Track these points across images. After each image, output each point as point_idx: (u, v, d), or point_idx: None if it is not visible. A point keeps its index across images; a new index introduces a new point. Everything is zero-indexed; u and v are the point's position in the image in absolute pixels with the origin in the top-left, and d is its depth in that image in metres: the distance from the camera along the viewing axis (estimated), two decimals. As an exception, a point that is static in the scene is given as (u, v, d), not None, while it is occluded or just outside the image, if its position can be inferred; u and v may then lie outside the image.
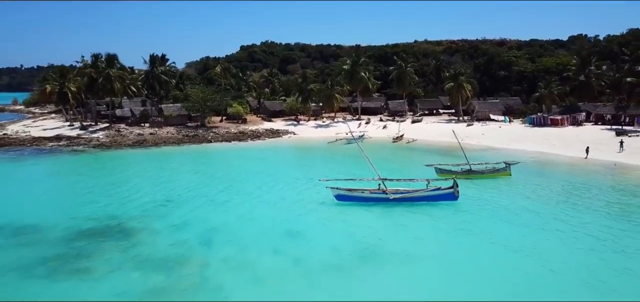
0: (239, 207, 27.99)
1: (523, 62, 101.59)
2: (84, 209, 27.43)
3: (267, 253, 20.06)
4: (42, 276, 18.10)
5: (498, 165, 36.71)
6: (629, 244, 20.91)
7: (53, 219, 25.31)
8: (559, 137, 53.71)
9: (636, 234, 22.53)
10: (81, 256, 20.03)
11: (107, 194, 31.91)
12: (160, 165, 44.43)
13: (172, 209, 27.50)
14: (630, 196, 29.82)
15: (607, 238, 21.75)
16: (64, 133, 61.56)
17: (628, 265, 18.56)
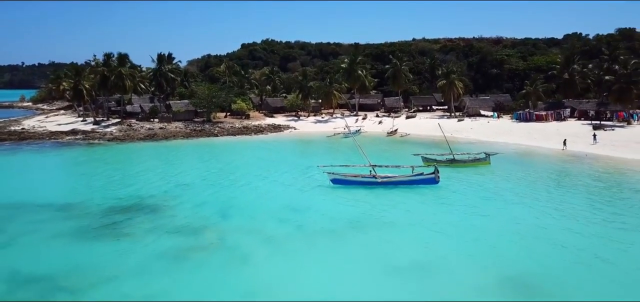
0: (248, 189, 32.08)
1: (515, 60, 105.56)
2: (113, 192, 31.48)
3: (273, 222, 24.16)
4: (92, 238, 22.17)
5: (479, 155, 40.78)
6: (581, 213, 25.16)
7: (89, 199, 29.39)
8: (541, 131, 57.75)
9: (589, 206, 26.70)
10: (119, 225, 24.11)
11: (130, 179, 36.01)
12: (173, 156, 48.46)
13: (189, 191, 31.55)
14: (593, 180, 33.93)
15: (565, 208, 26.01)
16: (78, 128, 65.59)
17: (575, 227, 22.73)
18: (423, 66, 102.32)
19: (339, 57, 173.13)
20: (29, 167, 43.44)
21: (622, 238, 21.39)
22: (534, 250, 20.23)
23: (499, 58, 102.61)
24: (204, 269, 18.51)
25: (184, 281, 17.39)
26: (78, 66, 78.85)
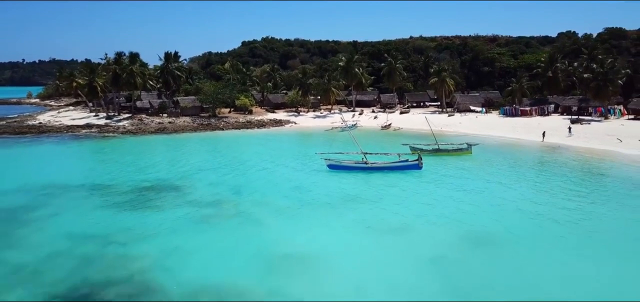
0: (255, 172, 36.56)
1: (506, 59, 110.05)
2: (137, 175, 35.91)
3: (280, 197, 28.63)
4: (128, 209, 26.64)
5: (461, 145, 45.27)
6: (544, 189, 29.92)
7: (118, 181, 33.83)
8: (524, 125, 62.22)
9: (552, 185, 31.20)
10: (149, 199, 28.58)
11: (149, 165, 40.45)
12: (184, 146, 52.86)
13: (204, 175, 35.98)
14: (560, 165, 38.49)
15: (531, 186, 30.70)
16: (92, 122, 69.93)
17: (537, 199, 27.41)
18: (418, 64, 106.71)
19: (338, 55, 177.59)
20: (56, 156, 47.87)
21: (571, 206, 26.05)
22: (497, 214, 24.87)
23: (491, 56, 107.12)
24: (225, 229, 23.04)
25: (209, 237, 21.90)
26: (92, 64, 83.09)
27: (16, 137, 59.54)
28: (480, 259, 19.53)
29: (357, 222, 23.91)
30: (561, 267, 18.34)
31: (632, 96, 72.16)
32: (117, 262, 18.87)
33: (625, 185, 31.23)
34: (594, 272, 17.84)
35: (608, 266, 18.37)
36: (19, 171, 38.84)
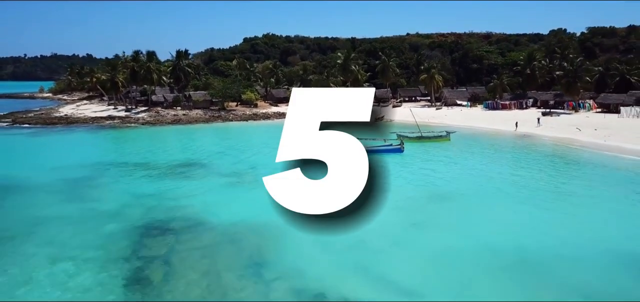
0: (267, 153, 43.52)
1: (494, 56, 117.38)
2: (168, 156, 43.24)
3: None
4: (170, 179, 34.00)
5: (441, 133, 52.60)
6: (501, 165, 37.17)
7: (154, 160, 41.17)
8: (503, 117, 69.53)
9: (509, 161, 38.58)
10: (183, 172, 35.92)
11: (176, 149, 47.84)
12: (201, 135, 60.17)
13: (222, 156, 43.33)
14: (519, 148, 45.95)
15: (492, 162, 37.96)
16: (114, 114, 77.17)
17: (493, 171, 34.69)
18: (411, 61, 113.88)
19: (336, 51, 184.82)
20: (92, 141, 55.28)
21: (520, 174, 33.55)
22: (458, 181, 32.37)
23: (479, 54, 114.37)
24: (247, 189, 30.45)
25: (236, 194, 29.33)
26: (112, 61, 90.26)
27: (49, 127, 66.87)
28: (436, 207, 26.95)
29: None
30: (496, 213, 25.73)
31: (605, 91, 79.67)
32: (173, 209, 26.21)
33: (568, 162, 38.76)
34: (519, 217, 25.12)
35: (533, 213, 25.65)
36: (69, 153, 46.23)
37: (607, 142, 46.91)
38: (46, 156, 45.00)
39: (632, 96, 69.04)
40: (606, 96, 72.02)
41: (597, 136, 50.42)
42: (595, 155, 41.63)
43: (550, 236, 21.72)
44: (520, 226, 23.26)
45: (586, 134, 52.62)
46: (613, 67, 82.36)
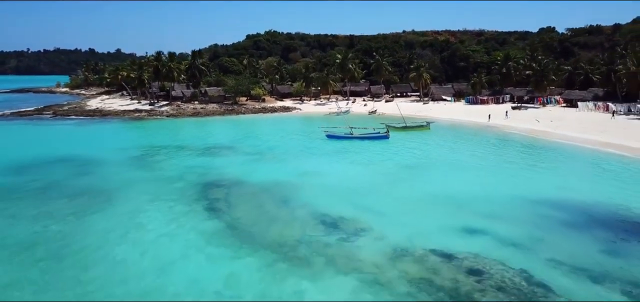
0: (278, 140, 54.47)
1: (480, 55, 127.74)
2: (200, 141, 53.78)
3: (297, 151, 46.60)
4: (208, 157, 44.59)
5: (422, 123, 63.27)
6: (466, 146, 47.86)
7: (190, 144, 51.71)
8: (479, 111, 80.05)
9: (473, 144, 49.26)
10: (217, 152, 46.49)
11: (204, 136, 58.36)
12: (220, 125, 70.67)
13: (244, 141, 53.88)
14: (485, 134, 56.60)
15: (458, 144, 48.64)
16: (139, 108, 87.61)
17: (457, 151, 45.42)
18: (403, 59, 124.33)
19: (336, 48, 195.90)
20: (132, 130, 65.82)
21: (478, 152, 44.14)
22: (427, 156, 43.01)
23: (466, 53, 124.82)
24: (269, 163, 41.05)
25: (261, 166, 39.89)
26: (139, 60, 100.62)
27: (89, 118, 77.44)
28: (409, 172, 37.66)
29: (343, 160, 42.05)
30: (451, 175, 36.33)
31: (572, 88, 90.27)
32: (218, 174, 36.80)
33: (516, 144, 49.47)
34: (466, 176, 35.65)
35: (476, 174, 36.24)
36: (119, 138, 56.93)
37: (555, 131, 57.70)
38: (103, 140, 55.73)
39: (590, 93, 79.75)
40: (570, 93, 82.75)
41: (549, 126, 61.15)
42: (541, 140, 52.43)
43: (480, 186, 32.48)
44: (464, 182, 33.96)
45: (542, 125, 63.27)
46: (596, 64, 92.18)
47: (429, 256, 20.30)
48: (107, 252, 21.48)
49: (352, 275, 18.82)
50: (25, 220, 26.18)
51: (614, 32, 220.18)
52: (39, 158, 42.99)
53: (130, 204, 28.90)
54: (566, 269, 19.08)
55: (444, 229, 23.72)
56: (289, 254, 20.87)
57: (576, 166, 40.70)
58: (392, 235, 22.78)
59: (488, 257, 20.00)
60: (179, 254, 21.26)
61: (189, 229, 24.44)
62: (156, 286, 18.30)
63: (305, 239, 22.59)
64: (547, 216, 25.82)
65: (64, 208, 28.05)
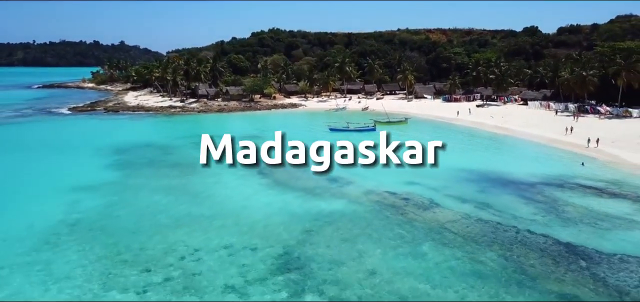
0: (291, 132, 72.99)
1: (461, 57, 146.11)
2: (231, 132, 72.42)
3: (303, 136, 65.30)
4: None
5: (401, 118, 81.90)
6: (433, 133, 66.81)
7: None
8: (452, 108, 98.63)
9: (439, 132, 68.12)
10: (250, 137, 65.18)
11: (233, 128, 76.94)
12: (242, 120, 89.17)
13: (264, 132, 72.35)
14: (448, 126, 75.32)
15: (425, 132, 67.58)
16: (173, 104, 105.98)
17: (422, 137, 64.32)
18: (394, 61, 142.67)
19: (335, 46, 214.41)
20: (179, 123, 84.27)
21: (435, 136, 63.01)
22: (407, 136, 61.84)
23: (448, 55, 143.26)
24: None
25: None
26: (173, 64, 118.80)
27: (136, 113, 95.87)
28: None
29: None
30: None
31: (533, 88, 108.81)
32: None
33: (467, 133, 68.19)
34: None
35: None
36: (177, 129, 75.53)
37: (502, 125, 76.50)
38: (162, 131, 74.45)
39: (541, 93, 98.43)
40: (525, 93, 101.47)
41: (499, 121, 79.94)
42: (487, 131, 71.26)
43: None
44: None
45: (494, 120, 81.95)
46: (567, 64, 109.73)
47: (383, 193, 39.04)
48: (210, 194, 40.08)
49: (343, 200, 37.54)
50: (154, 178, 44.84)
51: (591, 32, 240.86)
52: (128, 144, 61.54)
53: (210, 170, 47.41)
54: (454, 198, 37.81)
55: (395, 180, 42.41)
56: (309, 193, 39.59)
57: (498, 146, 59.54)
58: (366, 184, 41.47)
59: (414, 193, 38.74)
60: (251, 193, 39.94)
61: (252, 183, 43.09)
62: (244, 206, 36.83)
63: (318, 186, 41.29)
64: (460, 177, 44.55)
65: (171, 174, 46.65)
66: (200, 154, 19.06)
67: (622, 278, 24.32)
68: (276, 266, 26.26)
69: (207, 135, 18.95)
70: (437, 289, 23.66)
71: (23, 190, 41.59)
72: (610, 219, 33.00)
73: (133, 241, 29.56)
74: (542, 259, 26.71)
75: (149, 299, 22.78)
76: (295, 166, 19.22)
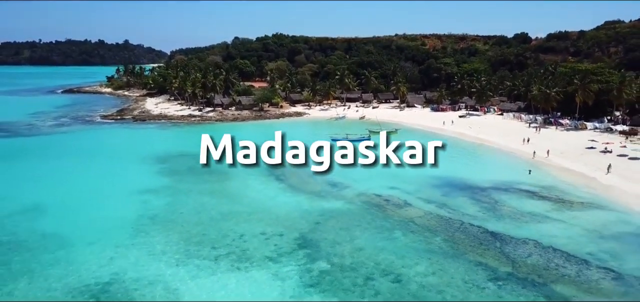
0: (292, 138, 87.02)
1: (450, 67, 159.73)
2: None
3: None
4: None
5: (392, 129, 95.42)
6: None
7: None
8: (438, 117, 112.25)
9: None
10: (266, 150, 78.97)
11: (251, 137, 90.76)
12: (255, 128, 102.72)
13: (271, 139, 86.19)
14: (432, 137, 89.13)
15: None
16: (192, 113, 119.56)
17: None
18: (389, 71, 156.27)
19: (336, 52, 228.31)
20: (199, 133, 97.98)
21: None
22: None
23: (438, 66, 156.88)
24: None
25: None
26: (192, 77, 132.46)
27: (162, 122, 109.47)
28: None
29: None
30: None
31: (511, 100, 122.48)
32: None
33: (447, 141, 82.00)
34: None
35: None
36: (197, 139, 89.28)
37: (476, 135, 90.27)
38: (189, 140, 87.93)
39: (516, 104, 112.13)
40: (503, 104, 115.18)
41: (475, 131, 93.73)
42: (464, 141, 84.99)
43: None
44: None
45: (472, 130, 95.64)
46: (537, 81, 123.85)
47: (371, 195, 52.82)
48: (244, 196, 53.81)
49: (341, 201, 51.31)
50: (197, 183, 58.59)
51: (578, 38, 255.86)
52: (166, 153, 75.20)
53: (240, 177, 61.29)
54: (422, 200, 51.53)
55: (380, 186, 56.17)
56: (316, 195, 53.36)
57: (468, 155, 73.25)
58: (358, 188, 55.20)
59: (394, 196, 52.50)
60: (274, 195, 53.72)
61: (273, 187, 56.90)
62: (270, 204, 50.55)
63: (322, 190, 55.06)
64: (431, 183, 58.24)
65: (209, 179, 60.27)
66: (200, 153, 20.03)
67: (518, 253, 38.06)
68: (296, 244, 39.99)
69: (207, 135, 20.27)
70: (402, 259, 37.33)
71: (102, 192, 55.39)
72: (530, 215, 46.82)
73: (197, 229, 43.33)
74: (472, 241, 40.54)
75: (220, 265, 36.49)
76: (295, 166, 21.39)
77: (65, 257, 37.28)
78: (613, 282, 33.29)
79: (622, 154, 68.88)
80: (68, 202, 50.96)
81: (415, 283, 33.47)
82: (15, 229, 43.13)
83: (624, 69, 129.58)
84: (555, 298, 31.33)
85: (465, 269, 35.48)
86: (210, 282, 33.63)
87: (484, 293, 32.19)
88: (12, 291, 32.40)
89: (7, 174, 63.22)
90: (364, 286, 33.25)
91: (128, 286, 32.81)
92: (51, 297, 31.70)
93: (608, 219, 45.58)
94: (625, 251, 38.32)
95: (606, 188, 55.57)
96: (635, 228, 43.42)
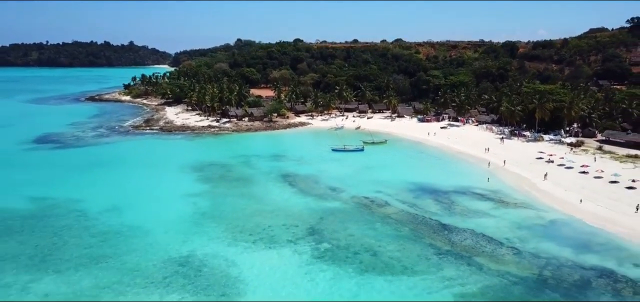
0: (303, 152, 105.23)
1: (438, 79, 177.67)
2: (264, 151, 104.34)
3: (316, 159, 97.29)
4: (274, 161, 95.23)
5: (382, 140, 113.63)
6: (400, 154, 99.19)
7: (260, 154, 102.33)
8: (424, 128, 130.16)
9: (405, 151, 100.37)
10: (278, 160, 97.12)
11: (264, 149, 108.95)
12: (266, 140, 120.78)
13: (286, 152, 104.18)
14: (415, 147, 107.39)
15: (397, 152, 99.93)
16: (211, 124, 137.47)
17: (396, 155, 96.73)
18: (383, 84, 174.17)
19: (335, 61, 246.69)
20: (223, 144, 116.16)
21: (402, 157, 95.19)
22: (380, 159, 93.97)
23: (427, 78, 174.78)
24: (306, 165, 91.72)
25: (303, 166, 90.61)
26: (211, 92, 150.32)
27: (187, 133, 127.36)
28: (363, 168, 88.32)
29: (340, 163, 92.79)
30: (388, 168, 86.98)
31: (488, 112, 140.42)
32: (285, 170, 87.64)
33: (426, 152, 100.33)
34: (396, 168, 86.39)
35: (399, 168, 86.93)
36: (229, 147, 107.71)
37: (453, 145, 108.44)
38: (215, 150, 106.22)
39: (490, 117, 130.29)
40: (480, 116, 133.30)
41: (452, 142, 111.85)
42: (442, 151, 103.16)
43: (392, 174, 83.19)
44: (385, 172, 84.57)
45: (450, 141, 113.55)
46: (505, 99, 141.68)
47: (361, 197, 71.00)
48: (266, 198, 71.90)
49: (338, 201, 69.54)
50: (230, 188, 76.77)
51: (562, 47, 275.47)
52: (199, 163, 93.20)
53: (261, 183, 79.58)
54: (399, 201, 69.77)
55: (368, 190, 74.28)
56: (319, 197, 71.56)
57: (441, 164, 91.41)
58: (352, 192, 73.39)
59: (378, 197, 70.75)
60: (288, 197, 71.91)
61: (288, 191, 75.18)
62: (286, 205, 68.71)
63: (325, 193, 73.30)
64: (406, 188, 76.40)
65: (238, 185, 78.50)
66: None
67: (458, 238, 56.20)
68: (307, 233, 58.18)
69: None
70: (379, 241, 55.42)
71: (159, 195, 73.58)
72: (475, 212, 65.06)
73: (236, 222, 61.55)
74: (429, 230, 58.79)
75: (258, 246, 54.64)
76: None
77: (152, 241, 55.48)
78: (514, 257, 51.47)
79: (561, 163, 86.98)
80: (137, 204, 69.13)
81: (387, 256, 51.65)
82: (109, 223, 61.32)
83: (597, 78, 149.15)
84: (474, 265, 49.56)
85: (420, 248, 53.71)
86: (253, 256, 51.83)
87: (430, 262, 50.37)
88: (125, 263, 50.43)
89: (85, 182, 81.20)
90: (353, 258, 51.38)
91: (201, 258, 50.98)
92: (152, 267, 49.73)
93: (529, 215, 63.86)
94: (530, 236, 56.61)
95: (540, 192, 73.74)
96: (546, 221, 61.69)
